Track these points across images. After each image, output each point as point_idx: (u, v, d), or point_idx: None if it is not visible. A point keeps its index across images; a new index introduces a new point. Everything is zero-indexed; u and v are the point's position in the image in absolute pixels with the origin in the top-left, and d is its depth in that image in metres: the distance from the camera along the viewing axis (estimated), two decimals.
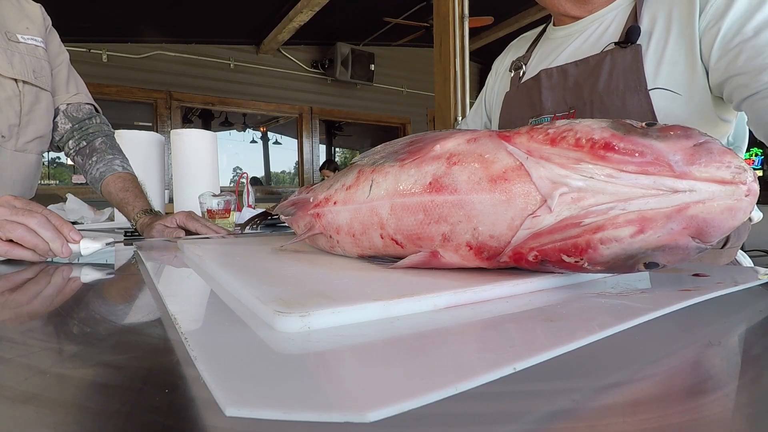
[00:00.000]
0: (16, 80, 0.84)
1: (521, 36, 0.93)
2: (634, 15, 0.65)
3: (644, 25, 0.64)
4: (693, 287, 0.33)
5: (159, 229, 0.82)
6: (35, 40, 0.89)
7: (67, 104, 0.97)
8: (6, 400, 0.18)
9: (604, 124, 0.30)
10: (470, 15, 2.37)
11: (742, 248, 0.78)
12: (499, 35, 4.42)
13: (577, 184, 0.29)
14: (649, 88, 0.61)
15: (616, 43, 0.65)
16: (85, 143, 0.97)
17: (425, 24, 3.92)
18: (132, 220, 0.88)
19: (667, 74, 0.61)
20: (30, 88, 0.87)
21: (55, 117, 0.96)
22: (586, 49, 0.70)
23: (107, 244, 0.59)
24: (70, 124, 0.97)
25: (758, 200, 0.28)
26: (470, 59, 2.42)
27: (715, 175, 0.27)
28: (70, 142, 0.97)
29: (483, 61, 4.84)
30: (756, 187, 0.27)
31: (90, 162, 0.96)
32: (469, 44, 2.41)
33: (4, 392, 0.19)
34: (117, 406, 0.17)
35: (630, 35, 0.63)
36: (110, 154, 0.97)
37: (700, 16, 0.59)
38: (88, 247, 0.57)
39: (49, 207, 1.32)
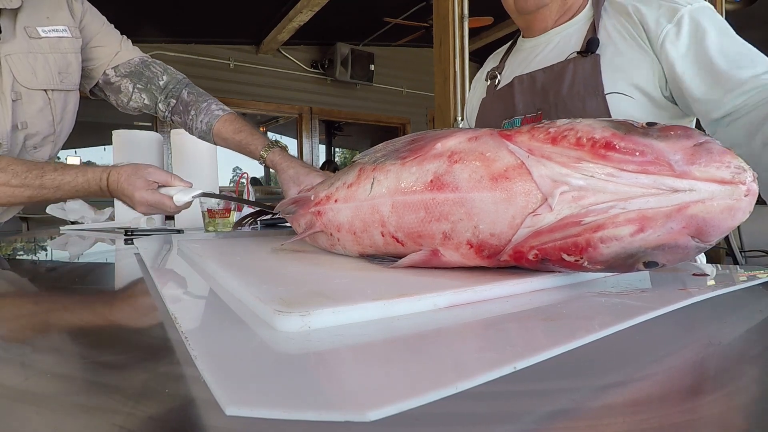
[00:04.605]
0: (45, 90, 0.78)
1: (495, 51, 1.02)
2: (593, 28, 0.72)
3: (602, 36, 0.71)
4: (693, 287, 0.33)
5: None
6: (57, 30, 0.79)
7: (114, 67, 0.89)
8: (6, 400, 0.18)
9: (605, 124, 0.30)
10: (470, 15, 2.36)
11: (741, 248, 0.78)
12: (499, 35, 4.40)
13: (578, 183, 0.29)
14: (606, 92, 0.67)
15: (578, 53, 0.71)
16: (174, 101, 0.92)
17: (425, 24, 3.92)
18: (259, 158, 0.84)
19: (623, 80, 0.67)
20: (59, 93, 0.80)
21: (94, 86, 0.89)
22: (552, 58, 0.77)
23: (194, 196, 0.68)
24: (132, 83, 0.90)
25: (757, 200, 0.28)
26: (470, 59, 2.41)
27: (715, 174, 0.27)
28: (160, 105, 0.91)
29: (483, 61, 4.80)
30: (755, 187, 0.27)
31: (190, 117, 0.91)
32: (469, 44, 2.41)
33: (4, 392, 0.19)
34: (117, 406, 0.17)
35: (590, 46, 0.70)
36: (203, 102, 0.92)
37: (648, 36, 0.66)
38: (180, 199, 0.67)
39: (49, 206, 1.32)
